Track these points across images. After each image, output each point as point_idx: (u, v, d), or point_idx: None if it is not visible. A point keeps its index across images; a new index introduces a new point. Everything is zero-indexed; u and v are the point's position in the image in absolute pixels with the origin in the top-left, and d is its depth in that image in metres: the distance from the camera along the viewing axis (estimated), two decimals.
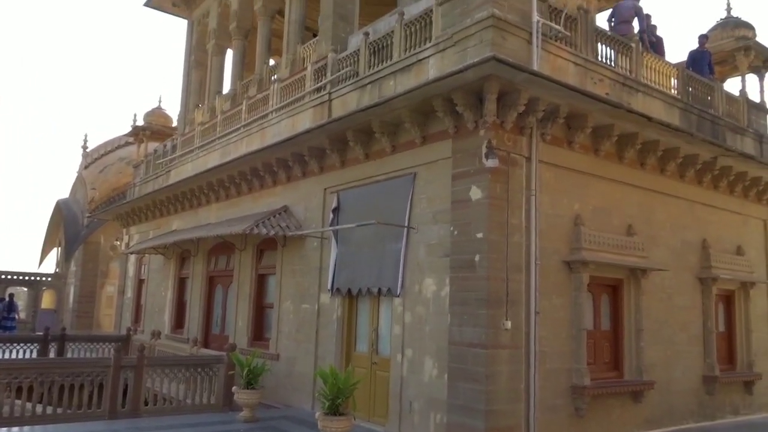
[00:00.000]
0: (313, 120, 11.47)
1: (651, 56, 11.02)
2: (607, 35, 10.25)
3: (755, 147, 12.73)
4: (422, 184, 9.12)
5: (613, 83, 9.87)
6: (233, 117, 14.92)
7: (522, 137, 8.43)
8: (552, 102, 8.27)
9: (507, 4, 8.32)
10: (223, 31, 17.85)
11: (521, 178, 8.37)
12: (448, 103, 8.27)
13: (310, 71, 12.10)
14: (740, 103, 12.76)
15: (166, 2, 19.94)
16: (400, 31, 9.88)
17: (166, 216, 17.90)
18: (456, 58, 8.52)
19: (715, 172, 11.35)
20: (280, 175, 12.37)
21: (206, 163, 15.24)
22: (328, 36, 12.51)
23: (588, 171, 9.42)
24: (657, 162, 10.42)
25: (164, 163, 18.42)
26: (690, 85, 11.64)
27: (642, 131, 9.56)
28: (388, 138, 9.57)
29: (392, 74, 9.82)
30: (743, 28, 12.97)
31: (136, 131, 23.41)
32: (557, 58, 9.00)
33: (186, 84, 19.73)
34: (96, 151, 30.96)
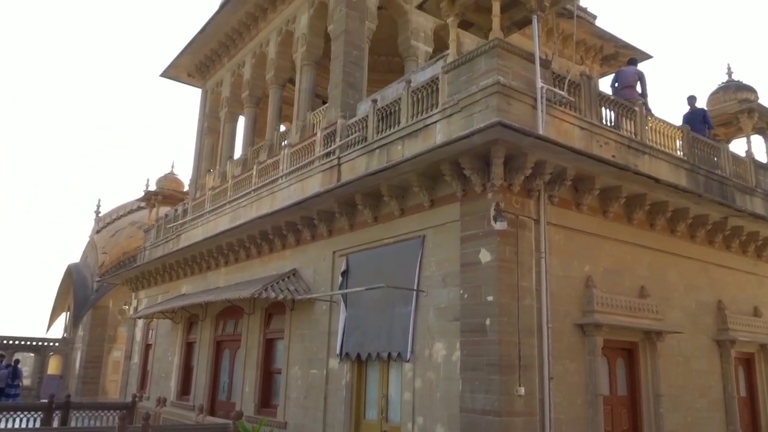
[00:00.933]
0: (323, 184, 11.60)
1: (655, 119, 11.18)
2: (610, 99, 10.44)
3: (765, 207, 12.67)
4: (431, 247, 9.11)
5: (619, 146, 9.97)
6: (244, 182, 15.13)
7: (530, 200, 8.46)
8: (559, 165, 8.35)
9: (511, 72, 8.53)
10: (235, 99, 18.38)
11: (530, 240, 8.35)
12: (456, 167, 8.37)
13: (319, 137, 12.35)
14: (747, 163, 12.81)
15: (182, 73, 20.66)
16: (407, 97, 10.12)
17: (176, 280, 17.89)
18: (462, 123, 8.68)
19: (726, 232, 11.28)
20: (290, 238, 12.41)
21: (216, 227, 15.36)
22: (338, 103, 12.85)
23: (597, 233, 9.40)
24: (667, 223, 10.39)
25: (175, 227, 18.58)
26: (695, 147, 11.73)
27: (650, 192, 9.59)
28: (397, 201, 9.64)
29: (400, 139, 9.99)
30: (745, 91, 13.19)
31: (148, 196, 23.76)
32: (562, 122, 9.14)
33: (198, 150, 20.15)
34: (108, 215, 31.38)
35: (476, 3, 9.25)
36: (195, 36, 18.67)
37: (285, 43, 15.84)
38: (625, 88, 11.54)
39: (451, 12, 9.38)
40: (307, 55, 14.77)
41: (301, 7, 15.24)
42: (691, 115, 12.54)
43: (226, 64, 18.95)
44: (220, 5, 17.97)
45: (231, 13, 17.34)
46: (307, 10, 14.90)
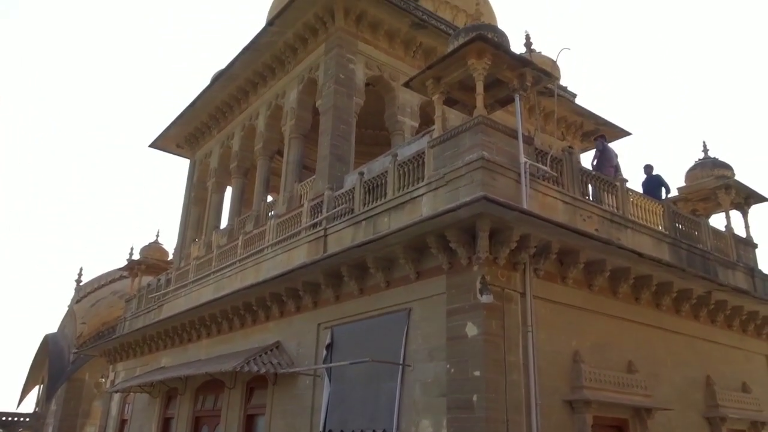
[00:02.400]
0: (309, 255, 11.58)
1: (636, 194, 11.43)
2: (592, 175, 10.70)
3: (747, 281, 12.81)
4: (417, 320, 9.02)
5: (602, 220, 10.14)
6: (229, 252, 15.06)
7: (515, 273, 8.48)
8: (543, 238, 8.43)
9: (495, 147, 8.75)
10: (223, 170, 18.58)
11: (517, 314, 8.30)
12: (442, 240, 8.41)
13: (306, 208, 12.42)
14: (727, 238, 13.03)
15: (171, 144, 20.95)
16: (394, 170, 10.29)
17: (155, 352, 17.43)
18: (448, 196, 8.81)
19: (710, 306, 11.31)
20: (274, 310, 12.24)
21: (199, 297, 15.14)
22: (325, 175, 13.03)
23: (584, 306, 9.39)
24: (652, 297, 10.41)
25: (157, 297, 18.28)
26: (677, 221, 11.96)
27: (634, 266, 9.66)
28: (383, 273, 9.60)
29: (386, 211, 10.09)
30: (721, 168, 13.58)
31: (131, 265, 23.41)
32: (546, 196, 9.31)
33: (184, 219, 20.15)
34: (89, 284, 30.84)
35: (460, 82, 9.60)
36: (186, 109, 19.07)
37: (274, 116, 16.21)
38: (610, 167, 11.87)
39: (436, 90, 9.71)
40: (295, 128, 15.09)
41: (290, 82, 15.70)
42: (648, 181, 12.93)
43: (215, 136, 19.27)
44: (212, 80, 18.48)
45: (222, 87, 17.81)
46: (297, 85, 15.35)
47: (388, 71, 14.95)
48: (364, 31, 14.69)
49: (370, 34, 14.79)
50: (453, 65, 9.36)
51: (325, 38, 14.66)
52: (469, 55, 8.99)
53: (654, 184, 12.82)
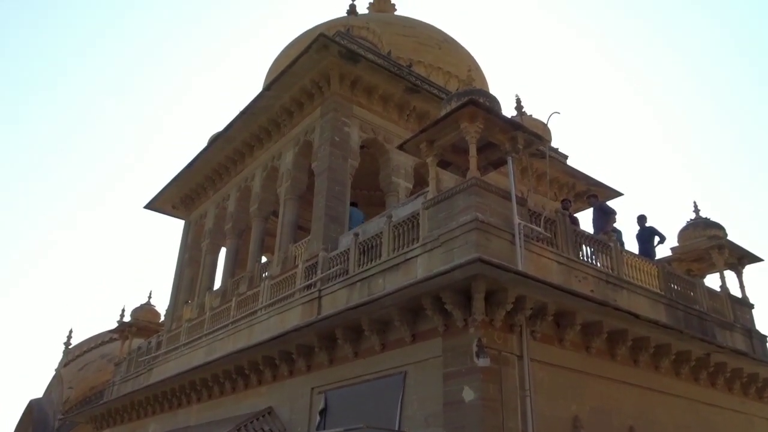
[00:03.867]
0: (302, 317, 11.44)
1: (630, 254, 11.45)
2: (586, 236, 10.74)
3: (745, 342, 12.68)
4: (413, 385, 8.82)
5: (597, 281, 10.11)
6: (222, 314, 14.87)
7: (512, 335, 8.37)
8: (539, 300, 8.37)
9: (489, 209, 8.82)
10: (218, 231, 18.57)
11: (514, 377, 8.14)
12: (437, 302, 8.34)
13: (300, 269, 12.36)
14: (723, 298, 12.97)
15: (167, 205, 21.03)
16: (388, 232, 10.32)
17: (144, 418, 16.93)
18: (443, 257, 8.80)
19: (710, 369, 11.15)
20: (266, 374, 11.97)
21: (190, 361, 14.83)
22: (320, 236, 13.04)
23: (582, 369, 9.23)
24: (650, 359, 10.26)
25: (147, 360, 17.91)
26: (672, 282, 11.94)
27: (631, 328, 9.57)
28: (378, 336, 9.47)
29: (381, 273, 10.04)
30: (713, 228, 13.66)
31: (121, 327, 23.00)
32: (541, 257, 9.32)
33: (178, 280, 19.98)
34: (78, 347, 30.17)
35: (453, 145, 9.76)
36: (182, 170, 19.25)
37: (270, 177, 16.36)
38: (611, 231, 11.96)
39: (430, 153, 9.86)
40: (291, 189, 15.20)
41: (287, 144, 15.94)
42: (641, 232, 12.99)
43: (211, 197, 19.37)
44: (209, 142, 18.75)
45: (219, 149, 18.05)
46: (293, 147, 15.57)
47: (383, 134, 15.22)
48: (359, 96, 15.04)
49: (364, 99, 15.14)
50: (446, 128, 9.54)
51: (320, 102, 14.99)
52: (462, 119, 9.18)
53: (648, 234, 12.91)
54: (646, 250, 12.44)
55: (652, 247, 12.68)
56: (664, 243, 12.97)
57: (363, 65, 14.66)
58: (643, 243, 12.60)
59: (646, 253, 12.33)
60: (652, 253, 12.57)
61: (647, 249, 12.49)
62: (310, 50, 14.13)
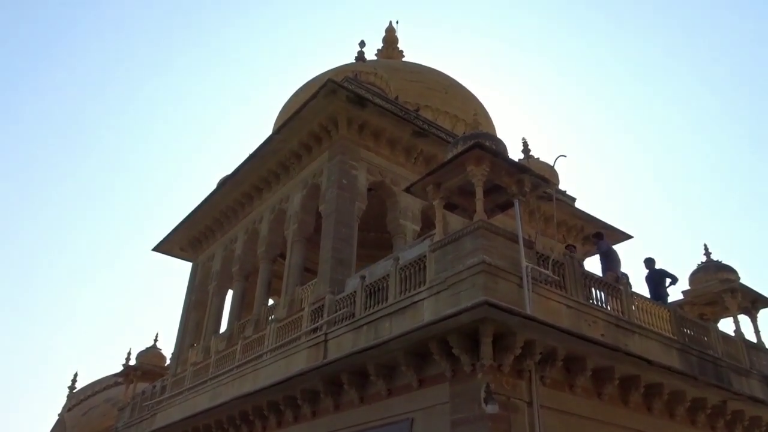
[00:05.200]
0: (308, 361, 11.27)
1: (641, 298, 11.26)
2: (595, 278, 10.59)
3: (763, 389, 12.31)
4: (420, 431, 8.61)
5: (608, 324, 9.91)
6: (227, 357, 14.69)
7: (521, 381, 8.19)
8: (548, 344, 8.21)
9: (496, 252, 8.74)
10: (225, 273, 18.54)
11: (524, 425, 7.92)
12: (445, 346, 8.20)
13: (307, 312, 12.25)
14: (738, 343, 12.67)
15: (175, 248, 21.09)
16: (395, 274, 10.24)
17: None
18: (450, 300, 8.69)
19: (727, 417, 10.83)
20: (271, 420, 11.74)
21: (195, 406, 14.58)
22: (326, 278, 12.98)
23: (594, 416, 8.98)
24: (664, 406, 9.98)
25: (151, 405, 17.63)
26: (684, 326, 11.69)
27: (644, 374, 9.34)
28: (384, 381, 9.29)
29: (388, 316, 9.92)
30: (725, 271, 13.47)
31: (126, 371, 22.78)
32: (549, 300, 9.18)
33: (184, 323, 19.85)
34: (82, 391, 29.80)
35: (460, 187, 9.77)
36: (191, 213, 19.37)
37: (277, 220, 16.41)
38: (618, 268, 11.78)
39: (436, 195, 9.86)
40: (298, 231, 15.22)
41: (294, 187, 16.04)
42: (651, 275, 12.71)
43: (218, 239, 19.42)
44: (218, 185, 18.91)
45: (228, 192, 18.20)
46: (300, 190, 15.66)
47: (390, 177, 15.30)
48: (367, 139, 15.20)
49: (372, 142, 15.29)
50: (453, 171, 9.57)
51: (328, 146, 15.15)
52: (468, 162, 9.21)
53: (658, 277, 12.66)
54: (658, 293, 12.22)
55: (664, 289, 12.46)
56: (677, 284, 12.75)
57: (370, 110, 14.85)
58: (655, 286, 12.38)
59: (658, 296, 12.12)
60: (664, 296, 12.36)
61: (659, 292, 12.28)
62: (318, 95, 14.37)
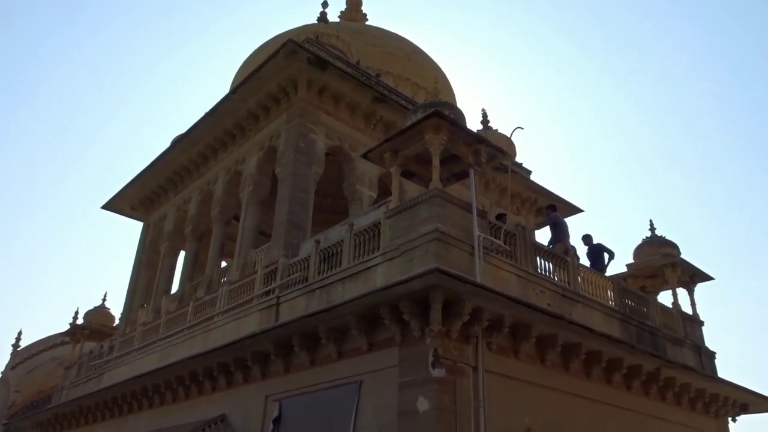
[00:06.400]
0: (260, 324, 11.30)
1: (587, 269, 11.66)
2: (545, 250, 10.89)
3: (694, 358, 13.01)
4: (368, 394, 8.79)
5: (554, 294, 10.25)
6: (178, 318, 14.58)
7: (468, 346, 8.42)
8: (496, 312, 8.44)
9: (450, 220, 8.88)
10: (178, 234, 18.23)
11: (469, 388, 8.18)
12: (395, 311, 8.34)
13: (260, 275, 12.22)
14: (675, 315, 13.31)
15: (125, 206, 20.58)
16: (350, 240, 10.29)
17: (92, 424, 16.44)
18: (403, 267, 8.81)
19: (660, 383, 11.41)
20: (221, 380, 11.77)
21: (144, 366, 14.49)
22: (281, 242, 12.92)
23: (536, 381, 9.34)
24: (602, 373, 10.45)
25: (98, 365, 17.42)
26: (626, 297, 12.19)
27: (585, 342, 9.73)
28: (335, 344, 9.41)
29: (341, 281, 10.00)
30: (667, 246, 14.03)
31: (73, 330, 22.34)
32: (499, 270, 9.41)
33: (133, 283, 19.53)
34: (27, 350, 29.12)
35: (417, 155, 9.81)
36: (143, 171, 18.88)
37: (232, 182, 16.17)
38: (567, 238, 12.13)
39: (394, 162, 9.89)
40: (253, 194, 15.05)
41: (251, 149, 15.79)
42: (591, 251, 13.25)
43: (171, 200, 19.03)
44: (172, 143, 18.45)
45: (182, 151, 17.77)
46: (257, 152, 15.43)
47: (349, 142, 15.21)
48: (326, 103, 15.02)
49: (331, 106, 15.13)
50: (410, 139, 9.59)
51: (287, 108, 14.92)
52: (427, 130, 9.24)
53: (597, 251, 13.16)
54: (597, 267, 12.67)
55: (602, 263, 12.94)
56: (614, 259, 13.25)
57: (331, 73, 14.65)
58: (593, 260, 12.84)
59: (597, 270, 12.58)
60: (602, 270, 12.83)
61: (597, 266, 12.73)
62: (278, 55, 14.07)
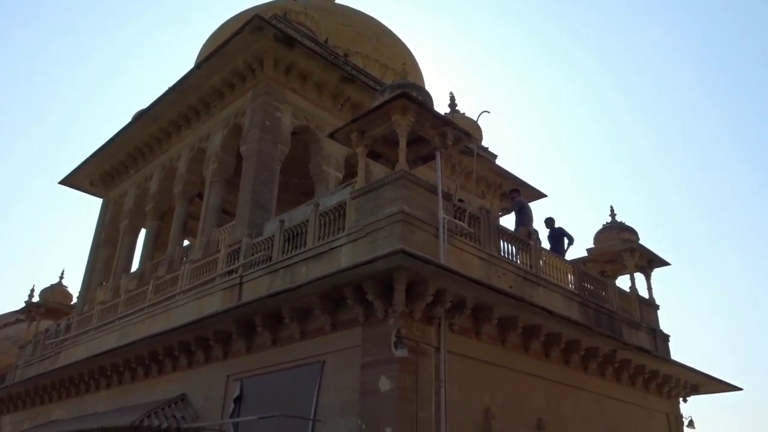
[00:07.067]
0: (222, 303, 11.18)
1: (548, 253, 11.86)
2: (508, 233, 11.03)
3: (649, 341, 13.41)
4: (331, 373, 8.81)
5: (516, 277, 10.41)
6: (138, 297, 14.32)
7: (431, 327, 8.50)
8: (459, 294, 8.53)
9: (415, 202, 8.89)
10: (138, 211, 17.84)
11: (430, 368, 8.27)
12: (359, 292, 8.35)
13: (223, 254, 12.07)
14: (632, 299, 13.68)
15: (84, 182, 20.02)
16: (315, 220, 10.23)
17: (48, 404, 16.10)
18: (368, 248, 8.80)
19: (616, 364, 11.73)
20: (181, 360, 11.64)
21: (102, 345, 14.22)
22: (245, 221, 12.77)
23: (496, 362, 9.50)
24: (561, 354, 10.69)
25: (55, 343, 17.03)
26: (586, 281, 12.46)
27: (545, 324, 9.92)
28: (298, 324, 9.38)
29: (305, 261, 9.95)
30: (626, 232, 14.36)
31: (29, 308, 21.76)
32: (463, 252, 9.49)
33: (92, 261, 19.08)
34: None
35: (384, 137, 9.77)
36: (103, 146, 18.36)
37: (196, 159, 15.85)
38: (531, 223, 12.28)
39: (360, 143, 9.83)
40: (217, 172, 14.80)
41: (215, 126, 15.49)
42: (552, 234, 13.50)
43: (132, 176, 18.58)
44: (133, 118, 17.96)
45: (144, 126, 17.32)
46: (222, 129, 15.15)
47: (315, 122, 15.05)
48: (293, 81, 14.80)
49: (298, 85, 14.91)
50: (377, 120, 9.53)
51: (252, 85, 14.65)
52: (394, 111, 9.19)
53: (558, 235, 13.41)
54: (557, 251, 12.91)
55: (562, 247, 13.19)
56: (573, 244, 13.52)
57: (299, 51, 14.42)
58: (554, 244, 13.08)
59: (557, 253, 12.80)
60: (562, 253, 13.07)
61: (557, 249, 12.97)
62: (244, 31, 13.77)
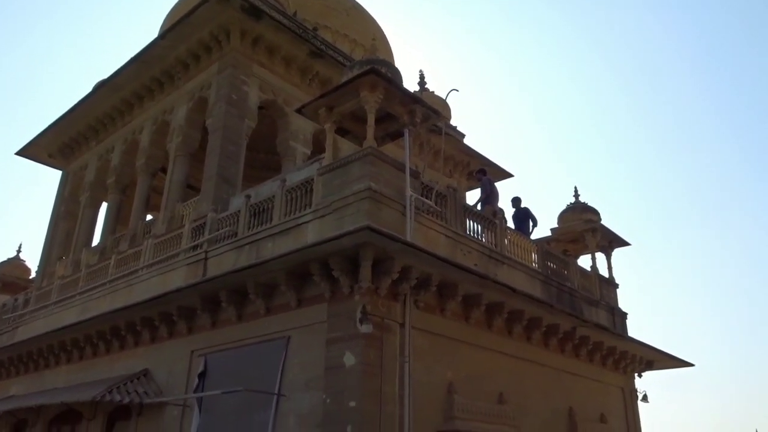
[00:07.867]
0: (186, 278, 11.07)
1: (512, 232, 12.03)
2: (474, 212, 11.13)
3: (608, 318, 13.79)
4: (296, 349, 8.83)
5: (481, 255, 10.54)
6: (99, 272, 14.06)
7: (396, 303, 8.57)
8: (424, 271, 8.60)
9: (383, 179, 8.89)
10: (99, 185, 17.45)
11: (395, 344, 8.36)
12: (325, 268, 8.35)
13: (187, 229, 11.91)
14: (593, 277, 14.01)
15: (42, 153, 19.45)
16: (281, 196, 10.15)
17: (5, 379, 15.78)
18: (334, 224, 8.79)
19: (575, 341, 12.04)
20: (144, 335, 11.52)
21: (61, 320, 13.95)
22: (210, 196, 12.60)
23: (460, 338, 9.65)
24: (523, 330, 10.91)
25: (12, 318, 16.63)
26: (548, 260, 12.70)
27: (508, 301, 10.09)
28: (263, 300, 9.35)
29: (271, 237, 9.89)
30: (589, 212, 14.65)
31: None
32: (429, 230, 9.55)
33: (51, 235, 18.63)
34: None
35: (353, 113, 9.71)
36: (62, 116, 17.82)
37: (160, 132, 15.52)
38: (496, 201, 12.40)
39: (328, 119, 9.75)
40: (182, 146, 14.53)
41: (180, 99, 15.16)
42: (517, 213, 13.72)
43: (93, 148, 18.12)
44: (94, 88, 17.44)
45: (105, 97, 16.85)
46: (186, 102, 14.84)
47: (283, 96, 14.85)
48: (260, 55, 14.55)
49: (266, 58, 14.67)
50: (346, 96, 9.45)
51: (218, 57, 14.35)
52: (362, 87, 9.13)
53: (522, 215, 13.62)
54: (522, 230, 13.11)
55: (526, 228, 13.40)
56: (537, 227, 13.74)
57: (266, 23, 14.16)
58: (519, 223, 13.28)
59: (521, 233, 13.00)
60: (526, 233, 13.27)
61: (522, 229, 13.17)
62: (210, 1, 13.43)
